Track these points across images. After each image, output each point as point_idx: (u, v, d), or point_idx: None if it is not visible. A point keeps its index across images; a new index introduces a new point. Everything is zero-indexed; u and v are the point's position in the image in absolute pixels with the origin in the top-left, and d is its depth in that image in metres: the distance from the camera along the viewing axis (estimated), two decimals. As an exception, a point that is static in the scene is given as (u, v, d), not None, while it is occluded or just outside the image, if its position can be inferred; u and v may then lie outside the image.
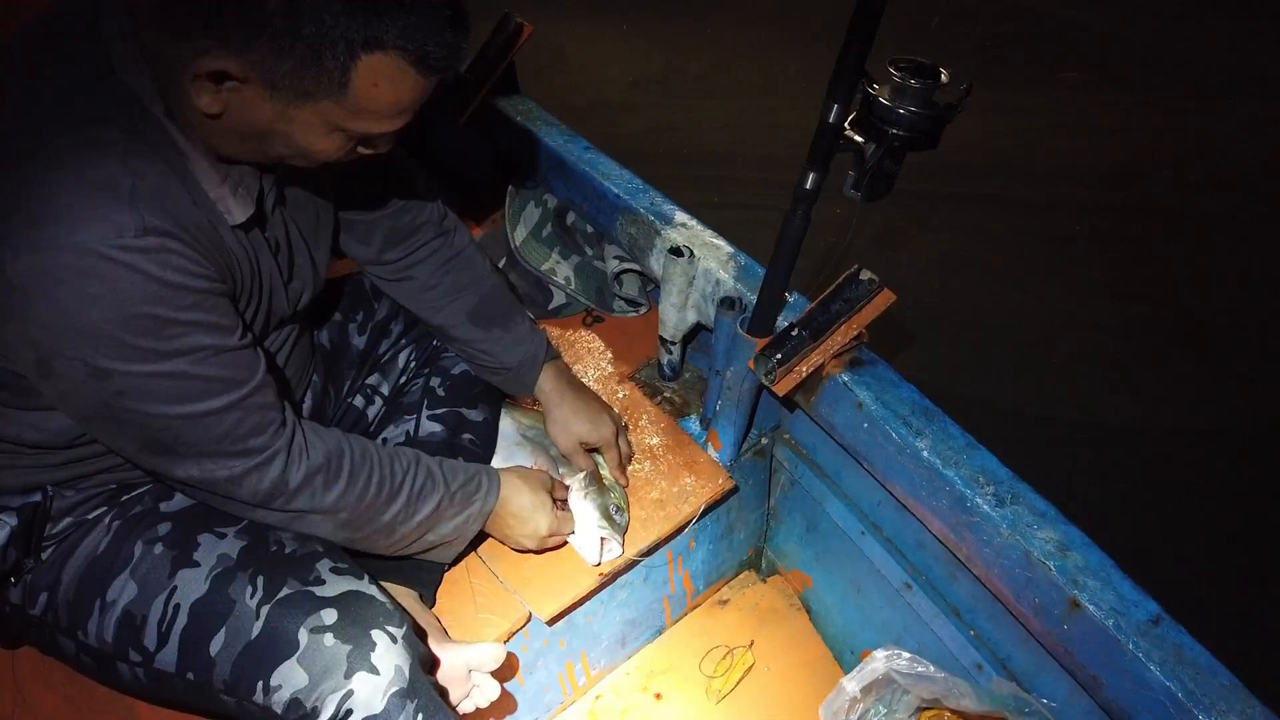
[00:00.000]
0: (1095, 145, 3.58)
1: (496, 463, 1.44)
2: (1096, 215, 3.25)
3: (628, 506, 1.41)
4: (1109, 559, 1.10)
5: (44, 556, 1.07)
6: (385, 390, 1.40)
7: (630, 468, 1.48)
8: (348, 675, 0.97)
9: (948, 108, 1.10)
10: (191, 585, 1.02)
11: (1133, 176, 3.43)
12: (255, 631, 0.99)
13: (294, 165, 0.95)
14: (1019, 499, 1.16)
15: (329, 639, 0.98)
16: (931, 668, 1.10)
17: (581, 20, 4.14)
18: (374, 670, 0.97)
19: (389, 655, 0.99)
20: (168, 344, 0.86)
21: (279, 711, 0.98)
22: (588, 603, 1.43)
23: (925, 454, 1.20)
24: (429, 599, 1.28)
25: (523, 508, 1.27)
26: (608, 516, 1.35)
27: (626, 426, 1.52)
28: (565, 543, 1.35)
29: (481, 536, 1.28)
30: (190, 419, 0.91)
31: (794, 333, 1.29)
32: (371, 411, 1.39)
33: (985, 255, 3.08)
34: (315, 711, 0.97)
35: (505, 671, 1.25)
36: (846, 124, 1.13)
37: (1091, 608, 1.05)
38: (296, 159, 0.93)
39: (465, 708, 1.18)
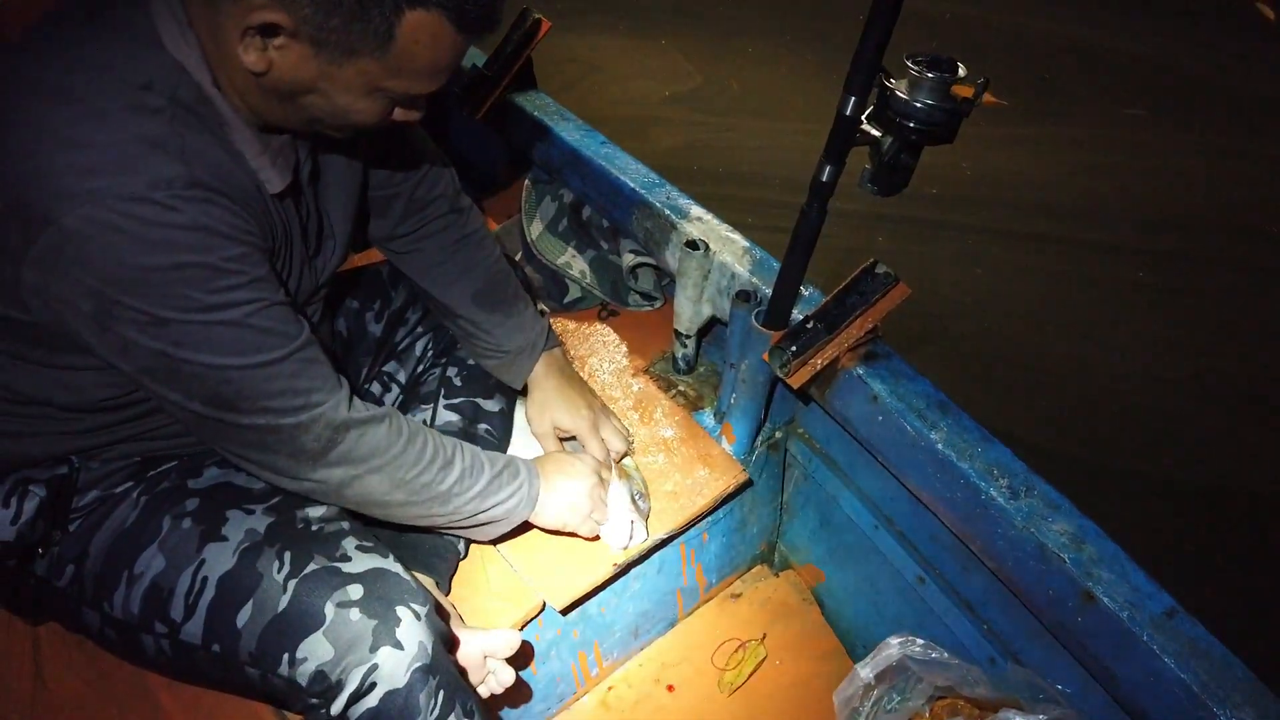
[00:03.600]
0: (1161, 187, 3.38)
1: (513, 452, 1.45)
2: (1162, 263, 3.07)
3: (649, 491, 1.42)
4: (1123, 551, 1.10)
5: (71, 529, 1.09)
6: (402, 378, 1.42)
7: (644, 460, 1.49)
8: (373, 649, 0.98)
9: (965, 102, 1.11)
10: (219, 559, 1.04)
11: (1204, 224, 3.23)
12: (282, 605, 1.01)
13: (329, 134, 0.97)
14: (1033, 491, 1.16)
15: (355, 613, 0.99)
16: (946, 654, 1.10)
17: (619, 33, 4.06)
18: (398, 645, 0.99)
19: (413, 631, 1.00)
20: (220, 295, 0.88)
21: (303, 684, 0.99)
22: (601, 594, 1.43)
23: (940, 446, 1.21)
24: (444, 586, 1.29)
25: (576, 491, 1.28)
26: (632, 501, 1.36)
27: (627, 431, 1.51)
28: (598, 528, 1.35)
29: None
30: (247, 370, 0.92)
31: (809, 325, 1.29)
32: (388, 399, 1.40)
33: (1037, 296, 2.94)
34: (340, 684, 0.98)
35: (519, 660, 1.26)
36: (863, 117, 1.13)
37: (1106, 600, 1.05)
38: (334, 122, 0.94)
39: (480, 694, 1.19)
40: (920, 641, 1.12)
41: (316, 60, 0.86)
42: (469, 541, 1.33)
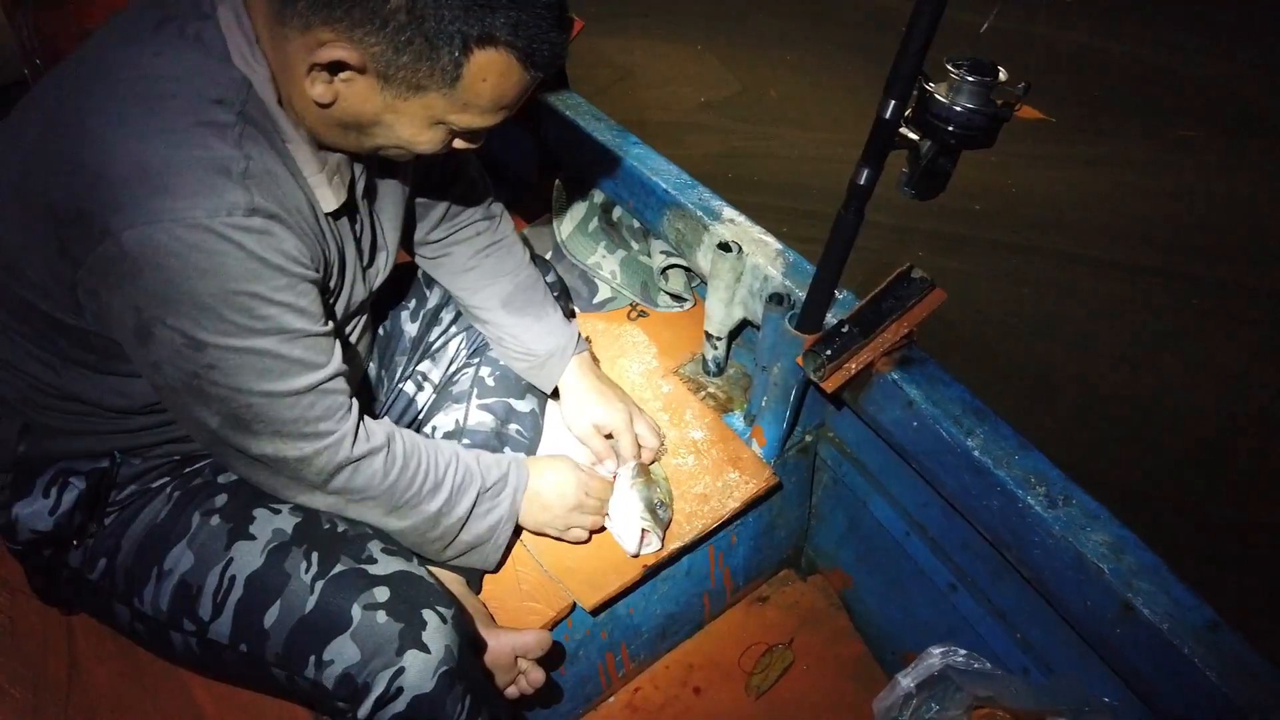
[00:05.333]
0: (1216, 213, 3.23)
1: (543, 453, 1.45)
2: (1217, 291, 2.95)
3: (672, 502, 1.41)
4: (1163, 563, 1.09)
5: (106, 522, 1.10)
6: (435, 378, 1.42)
7: (674, 462, 1.48)
8: (399, 652, 0.98)
9: (1005, 106, 1.10)
10: (247, 557, 1.04)
11: (1262, 253, 3.07)
12: (309, 606, 1.01)
13: (388, 156, 0.99)
14: (1071, 500, 1.15)
15: (381, 616, 0.99)
16: (988, 665, 1.09)
17: (655, 38, 4.00)
18: (424, 649, 0.98)
19: (439, 635, 1.00)
20: (260, 322, 0.89)
21: (329, 687, 0.99)
22: (629, 595, 1.43)
23: (976, 454, 1.20)
24: (475, 586, 1.29)
25: (551, 503, 1.27)
26: (651, 509, 1.35)
27: (660, 430, 1.50)
28: (591, 534, 1.35)
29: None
30: (270, 397, 0.94)
31: (844, 329, 1.28)
32: (421, 399, 1.41)
33: (1086, 319, 2.85)
34: (366, 688, 0.98)
35: (549, 661, 1.26)
36: (902, 120, 1.13)
37: (1146, 612, 1.04)
38: (395, 150, 0.97)
39: (510, 694, 1.19)
40: (962, 651, 1.11)
41: (382, 95, 0.88)
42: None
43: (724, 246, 1.48)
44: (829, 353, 1.27)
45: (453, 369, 1.43)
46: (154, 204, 0.82)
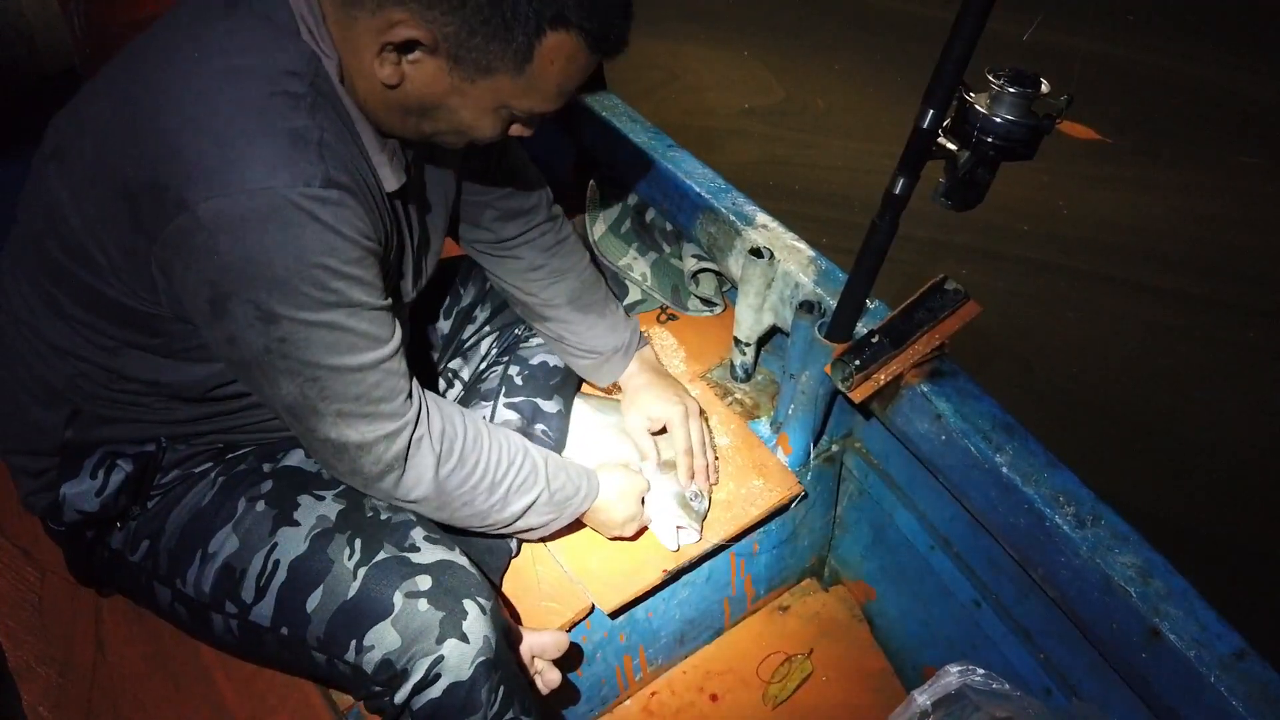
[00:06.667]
0: (1275, 242, 3.10)
1: (569, 451, 1.45)
2: (1272, 324, 2.83)
3: (708, 493, 1.41)
4: (1192, 588, 1.07)
5: (149, 505, 1.11)
6: (465, 375, 1.43)
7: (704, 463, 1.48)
8: (439, 641, 0.99)
9: (1046, 118, 1.08)
10: (291, 543, 1.05)
11: None
12: (352, 592, 1.02)
13: (440, 144, 0.99)
14: (1100, 521, 1.13)
15: (423, 604, 1.00)
16: (1007, 685, 1.08)
17: (699, 42, 3.95)
18: (464, 638, 1.00)
19: (479, 625, 1.01)
20: (331, 295, 0.89)
21: (369, 671, 1.01)
22: (649, 599, 1.43)
23: (1005, 470, 1.18)
24: (495, 583, 1.30)
25: (613, 520, 1.29)
26: (684, 504, 1.35)
27: (706, 417, 1.51)
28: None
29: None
30: (336, 371, 0.93)
31: (874, 339, 1.27)
32: (450, 395, 1.42)
33: (1134, 347, 2.77)
34: (405, 673, 0.99)
35: (566, 661, 1.26)
36: (940, 130, 1.11)
37: (1173, 637, 1.02)
38: (451, 136, 0.97)
39: (530, 692, 1.20)
40: (981, 671, 1.10)
41: (450, 76, 0.88)
42: (521, 540, 1.34)
43: (755, 252, 1.47)
44: (858, 363, 1.26)
45: (482, 367, 1.44)
46: (231, 175, 0.82)
